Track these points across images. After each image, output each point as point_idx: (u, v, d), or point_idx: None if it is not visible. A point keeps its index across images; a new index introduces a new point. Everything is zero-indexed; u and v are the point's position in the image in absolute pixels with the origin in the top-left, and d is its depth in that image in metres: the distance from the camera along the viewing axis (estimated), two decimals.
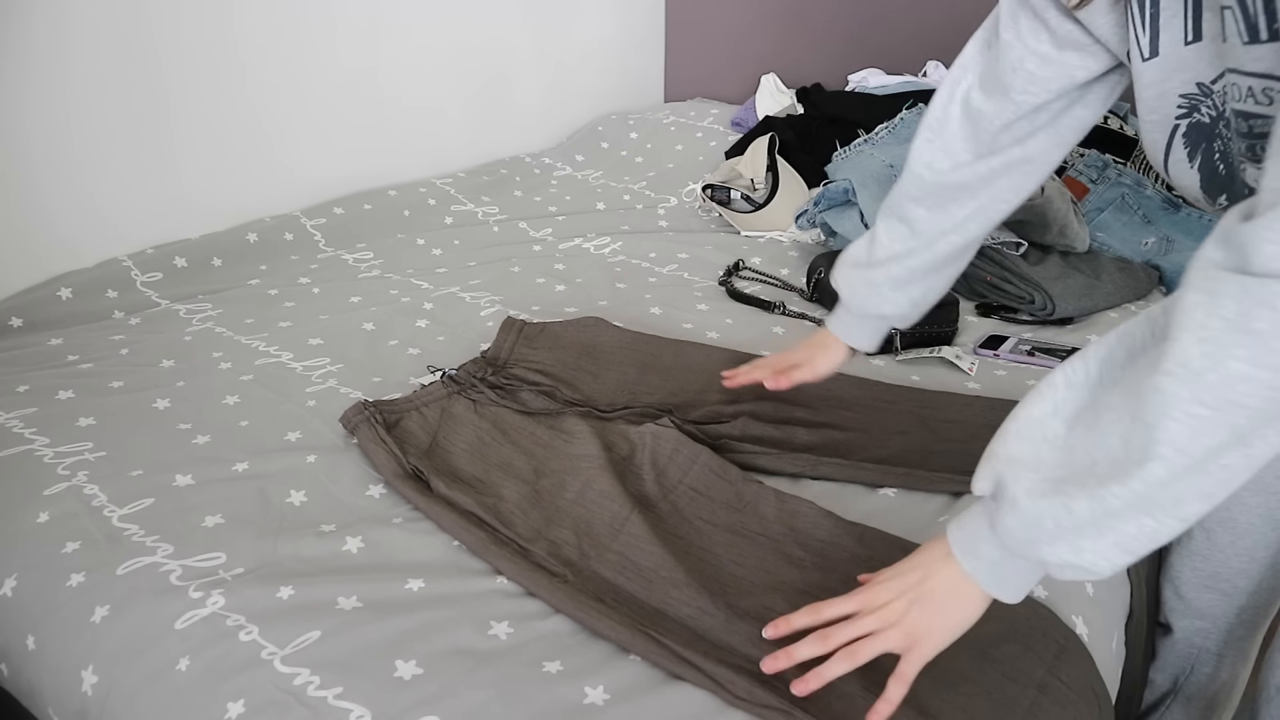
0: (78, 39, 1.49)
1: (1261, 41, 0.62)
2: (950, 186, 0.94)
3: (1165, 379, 0.56)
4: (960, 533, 0.72)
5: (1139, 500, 0.59)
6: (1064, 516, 0.62)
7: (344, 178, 1.95)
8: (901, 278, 1.01)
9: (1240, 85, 0.66)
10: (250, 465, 1.08)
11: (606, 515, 0.98)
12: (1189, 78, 0.71)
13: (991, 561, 0.69)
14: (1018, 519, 0.65)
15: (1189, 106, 0.73)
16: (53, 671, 0.87)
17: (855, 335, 1.10)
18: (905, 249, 0.99)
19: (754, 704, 0.76)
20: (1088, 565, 0.62)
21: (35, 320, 1.43)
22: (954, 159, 0.93)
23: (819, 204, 1.71)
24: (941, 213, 0.96)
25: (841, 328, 1.11)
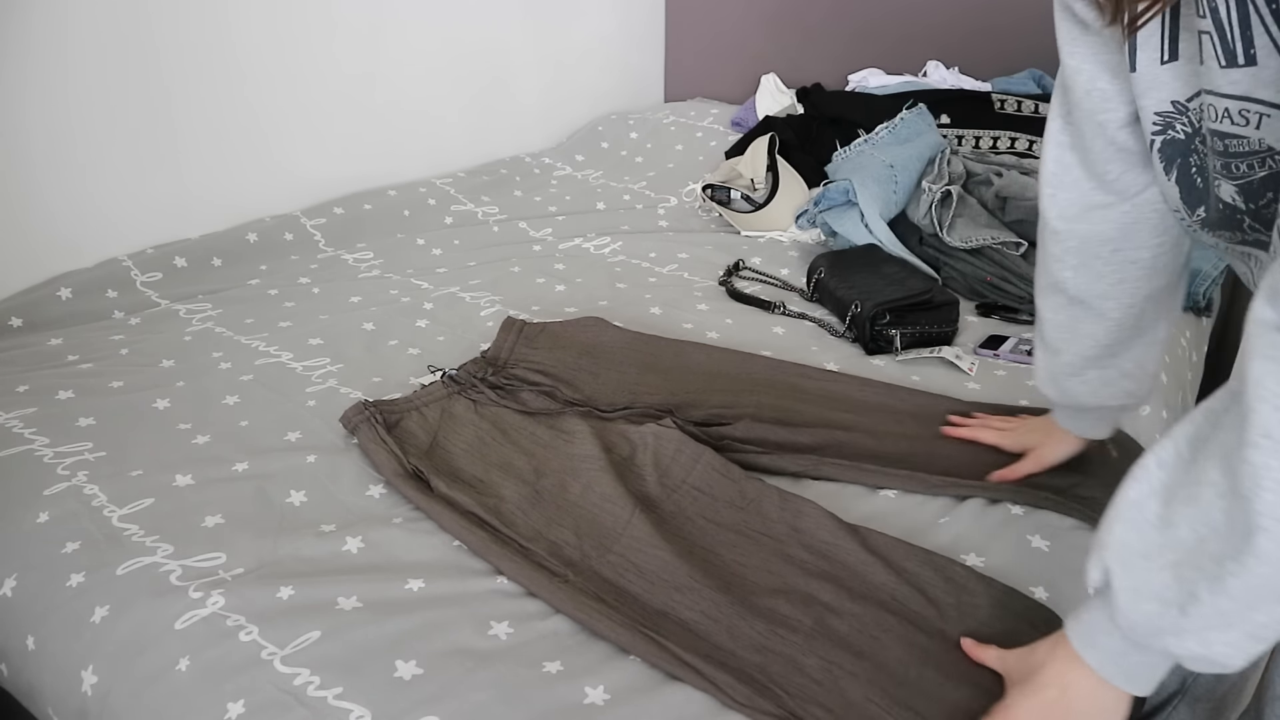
0: (78, 39, 1.49)
1: (1239, 65, 0.63)
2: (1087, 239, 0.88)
3: (1252, 451, 0.55)
4: (1079, 627, 0.70)
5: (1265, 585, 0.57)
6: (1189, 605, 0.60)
7: (344, 178, 1.95)
8: (1094, 354, 0.93)
9: (1216, 106, 0.67)
10: (250, 465, 1.08)
11: (609, 517, 0.98)
12: (1164, 96, 0.73)
13: (1115, 654, 0.68)
14: (1138, 609, 0.63)
15: (1163, 124, 0.75)
16: (53, 671, 0.87)
17: (1086, 427, 1.02)
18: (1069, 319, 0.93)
19: (753, 709, 0.76)
20: (1219, 659, 0.60)
21: (35, 320, 1.43)
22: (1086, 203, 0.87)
23: (819, 204, 1.71)
24: (1087, 270, 0.90)
25: (1071, 423, 1.03)
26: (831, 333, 1.44)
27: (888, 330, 1.37)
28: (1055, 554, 0.96)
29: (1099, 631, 0.68)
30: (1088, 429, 1.03)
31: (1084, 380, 0.96)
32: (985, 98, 2.01)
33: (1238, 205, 0.72)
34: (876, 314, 1.37)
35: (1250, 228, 0.73)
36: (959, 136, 1.97)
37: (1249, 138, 0.66)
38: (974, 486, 1.05)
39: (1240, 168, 0.69)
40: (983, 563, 0.94)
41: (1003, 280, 1.52)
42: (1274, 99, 0.63)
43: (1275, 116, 0.63)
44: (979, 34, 2.21)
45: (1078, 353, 0.94)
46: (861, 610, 0.86)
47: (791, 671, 0.80)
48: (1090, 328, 0.93)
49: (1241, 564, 0.56)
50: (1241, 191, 0.71)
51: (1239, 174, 0.69)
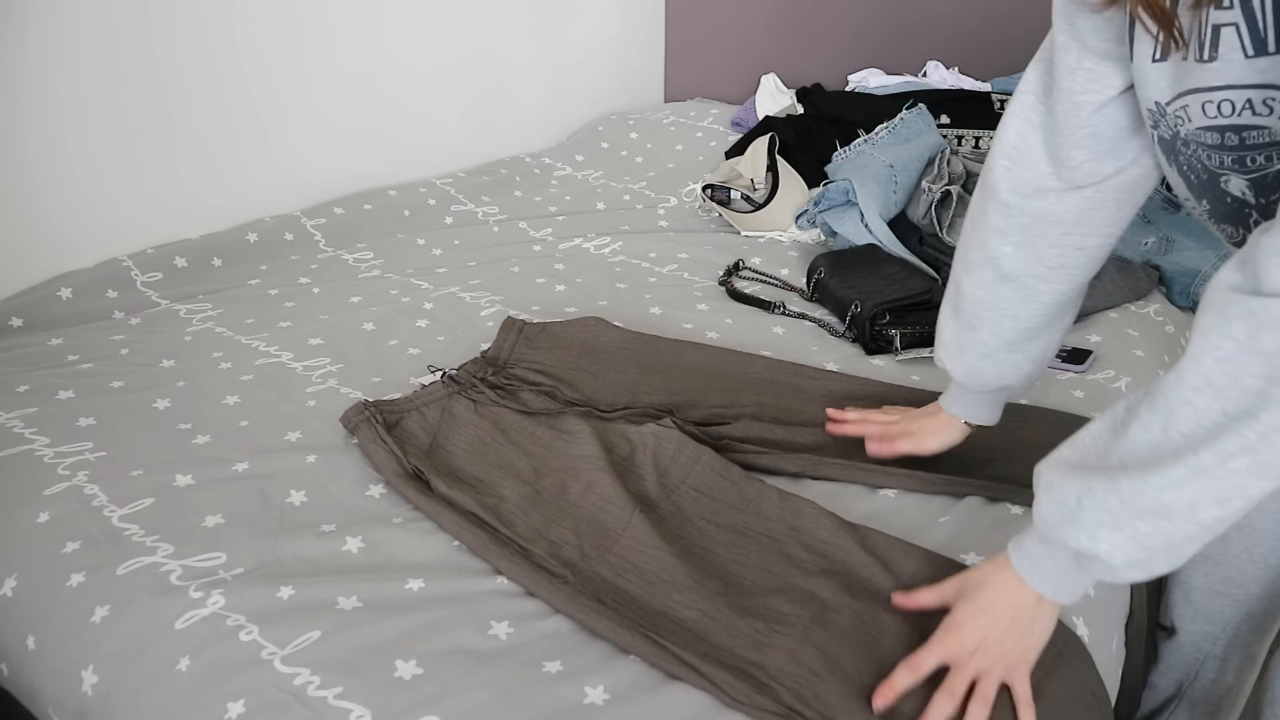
0: (78, 40, 1.49)
1: (1269, 54, 0.64)
2: (1038, 218, 0.88)
3: (1194, 394, 0.62)
4: (1016, 537, 0.77)
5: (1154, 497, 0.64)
6: (1085, 495, 0.67)
7: (344, 178, 1.95)
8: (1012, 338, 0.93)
9: (1234, 99, 0.67)
10: (250, 465, 1.08)
11: (609, 518, 0.98)
12: (1150, 94, 0.74)
13: (1035, 556, 0.74)
14: (1050, 499, 0.71)
15: (1153, 121, 0.76)
16: (53, 671, 0.87)
17: (977, 411, 1.03)
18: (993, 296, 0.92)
19: (752, 707, 0.76)
20: (1105, 555, 0.67)
21: (35, 320, 1.43)
22: (1039, 184, 0.87)
23: (819, 204, 1.71)
24: (1029, 250, 0.89)
25: (961, 407, 1.03)
26: (831, 333, 1.44)
27: (888, 330, 1.37)
28: None
29: (1026, 536, 0.76)
30: (981, 414, 1.03)
31: (994, 361, 0.95)
32: (985, 98, 2.01)
33: (1247, 199, 0.72)
34: (876, 314, 1.37)
35: (1256, 223, 0.74)
36: (959, 136, 1.97)
37: (1271, 128, 0.66)
38: (973, 485, 1.05)
39: (1256, 160, 0.69)
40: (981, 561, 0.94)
41: None
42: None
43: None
44: (979, 34, 2.21)
45: (995, 333, 0.94)
46: (861, 607, 0.86)
47: (790, 666, 0.80)
48: (1015, 308, 0.92)
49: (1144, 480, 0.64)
50: (1254, 185, 0.71)
51: (1254, 167, 0.70)
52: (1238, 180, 0.72)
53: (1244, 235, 0.76)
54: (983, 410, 1.03)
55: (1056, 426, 1.06)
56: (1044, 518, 0.72)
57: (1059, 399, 1.23)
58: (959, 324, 0.97)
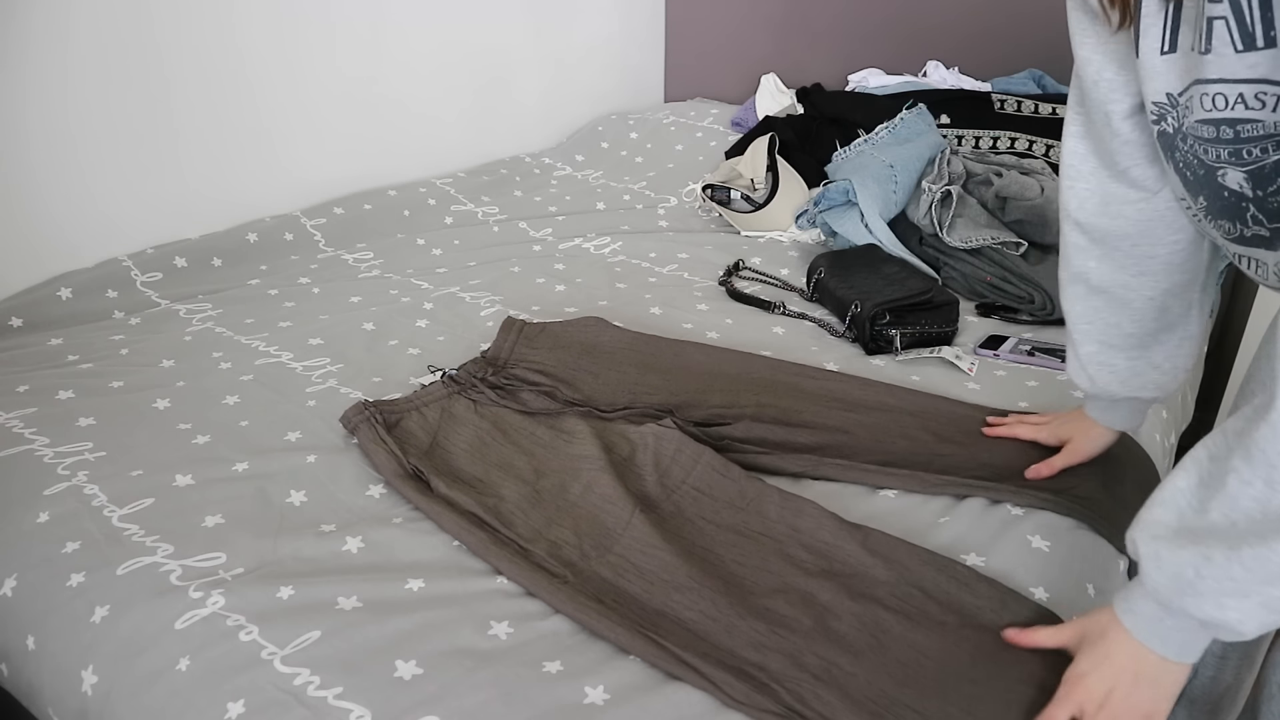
0: (78, 40, 1.49)
1: (1257, 48, 0.64)
2: (1107, 232, 0.89)
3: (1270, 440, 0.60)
4: (1122, 595, 0.75)
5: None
6: (1203, 566, 0.65)
7: (344, 178, 1.95)
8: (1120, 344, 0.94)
9: (1228, 93, 0.68)
10: (250, 465, 1.08)
11: (609, 517, 0.98)
12: (1160, 87, 0.74)
13: (1150, 618, 0.72)
14: (1161, 572, 0.68)
15: (1158, 115, 0.76)
16: (53, 671, 0.87)
17: (1116, 417, 1.03)
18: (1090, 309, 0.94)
19: (752, 707, 0.76)
20: (1233, 625, 0.65)
21: (35, 320, 1.43)
22: (1103, 195, 0.88)
23: (819, 204, 1.71)
24: (1110, 261, 0.91)
25: (1099, 413, 1.03)
26: (831, 333, 1.44)
27: (888, 330, 1.37)
28: (1055, 554, 0.96)
29: (1137, 596, 0.73)
30: (1119, 420, 1.03)
31: (1113, 369, 0.96)
32: (985, 98, 2.01)
33: (1244, 193, 0.72)
34: (876, 314, 1.37)
35: (1253, 218, 0.74)
36: (959, 136, 1.97)
37: (1264, 121, 0.67)
38: (974, 486, 1.05)
39: (1253, 152, 0.69)
40: (983, 563, 0.94)
41: (1002, 280, 1.52)
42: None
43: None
44: (979, 34, 2.21)
45: (1103, 341, 0.95)
46: (861, 610, 0.86)
47: (790, 669, 0.80)
48: (1114, 317, 0.93)
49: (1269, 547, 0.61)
50: (1251, 178, 0.71)
51: (1250, 160, 0.70)
52: (1235, 173, 0.72)
53: (1240, 231, 0.76)
54: (1122, 416, 1.03)
55: None
56: (1159, 591, 0.69)
57: (1059, 399, 1.23)
58: (1071, 342, 0.99)
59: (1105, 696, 0.74)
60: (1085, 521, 1.00)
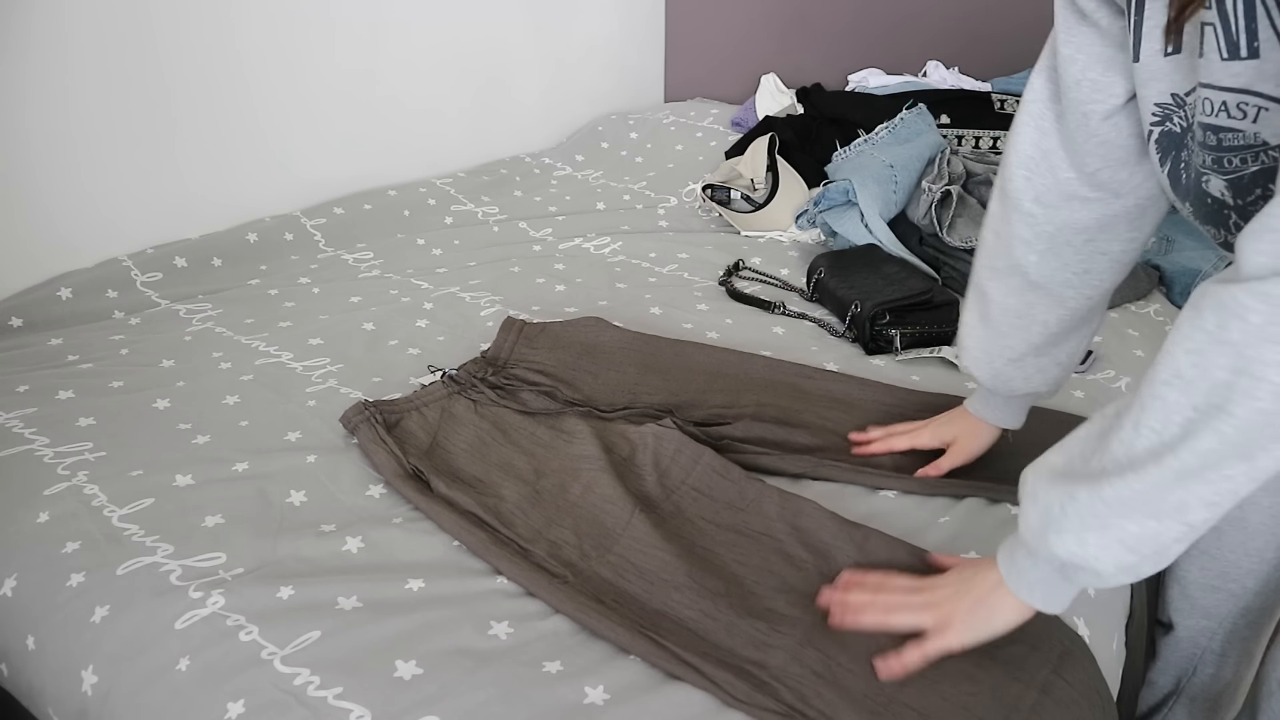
0: (78, 39, 1.49)
1: (1240, 58, 0.64)
2: (1062, 226, 0.88)
3: (1164, 388, 0.61)
4: (1006, 542, 0.77)
5: (1140, 500, 0.63)
6: (1068, 502, 0.67)
7: (344, 178, 1.95)
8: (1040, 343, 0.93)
9: (1214, 100, 0.67)
10: (250, 465, 1.08)
11: (609, 518, 0.98)
12: (1165, 88, 0.73)
13: (1023, 568, 0.74)
14: (1035, 506, 0.71)
15: (1162, 115, 0.75)
16: (53, 671, 0.87)
17: (1004, 415, 1.03)
18: (1023, 303, 0.92)
19: (753, 706, 0.76)
20: (1093, 561, 0.67)
21: (35, 320, 1.43)
22: (1062, 191, 0.86)
23: (819, 204, 1.71)
24: (1055, 257, 0.89)
25: (989, 411, 1.03)
26: (831, 333, 1.44)
27: (888, 330, 1.37)
28: None
29: (1015, 545, 0.75)
30: (1009, 418, 1.03)
31: (1021, 366, 0.96)
32: (985, 98, 2.01)
33: (1225, 200, 0.73)
34: (876, 314, 1.37)
35: (1235, 225, 0.74)
36: (959, 136, 1.97)
37: (1244, 131, 0.66)
38: (974, 486, 1.05)
39: (1233, 162, 0.69)
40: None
41: None
42: (1274, 92, 0.63)
43: (1274, 110, 0.64)
44: (979, 34, 2.21)
45: (1025, 339, 0.94)
46: None
47: (791, 668, 0.80)
48: (1044, 314, 0.92)
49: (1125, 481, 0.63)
50: (1231, 186, 0.71)
51: (1230, 169, 0.70)
52: (1217, 181, 0.72)
53: (1225, 237, 0.76)
54: (1010, 414, 1.03)
55: (1056, 427, 1.05)
56: (1029, 526, 0.72)
57: (1058, 399, 1.23)
58: (987, 331, 0.96)
59: (941, 590, 0.80)
60: None
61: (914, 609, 0.80)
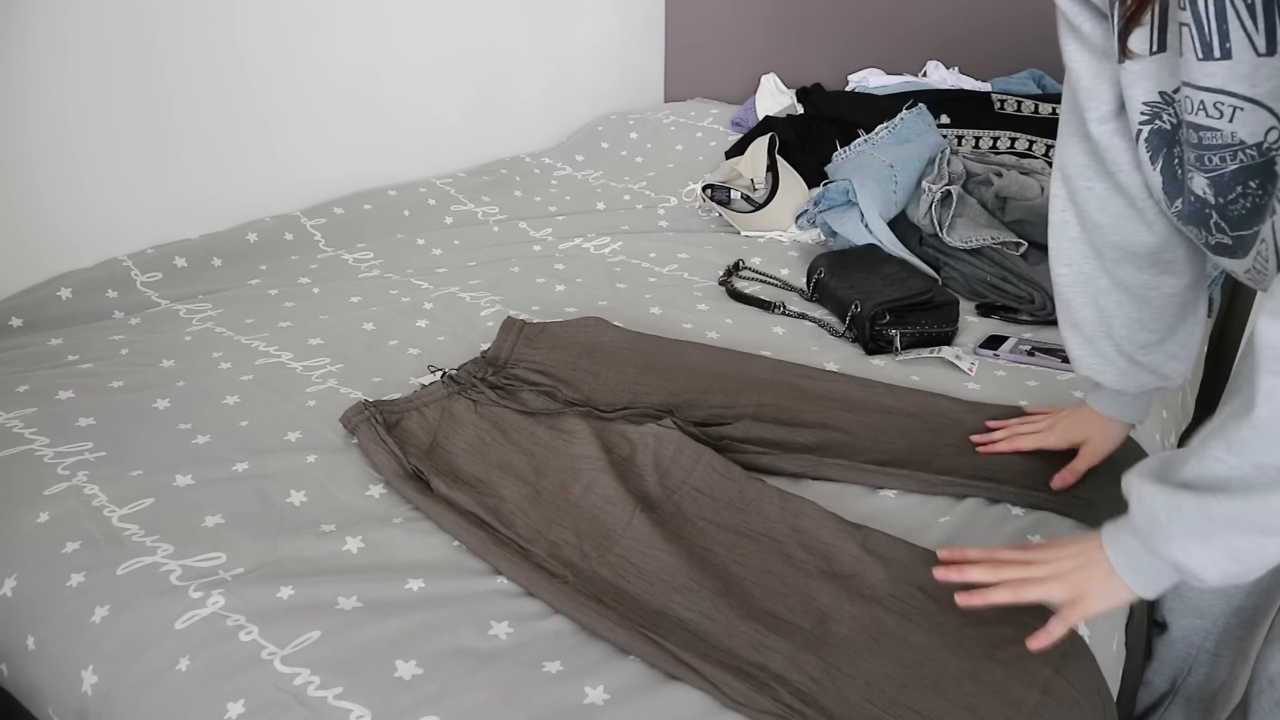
0: (78, 39, 1.49)
1: (1215, 59, 0.64)
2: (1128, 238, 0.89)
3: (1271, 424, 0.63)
4: (1111, 525, 0.79)
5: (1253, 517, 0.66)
6: (1174, 512, 0.70)
7: (344, 178, 1.95)
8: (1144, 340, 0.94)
9: (1193, 99, 0.68)
10: (250, 465, 1.08)
11: (609, 518, 0.98)
12: (1152, 86, 0.74)
13: (1130, 550, 0.76)
14: (1141, 511, 0.73)
15: (1151, 114, 0.76)
16: (53, 671, 0.87)
17: (1133, 410, 1.02)
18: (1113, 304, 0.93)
19: (751, 707, 0.76)
20: (1196, 569, 0.70)
21: (35, 320, 1.43)
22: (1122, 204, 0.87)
23: (819, 204, 1.71)
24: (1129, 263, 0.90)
25: (1117, 408, 1.02)
26: (831, 333, 1.44)
27: (888, 330, 1.37)
28: None
29: (1123, 528, 0.77)
30: (1133, 411, 1.02)
31: (1136, 362, 0.96)
32: (985, 98, 2.01)
33: (1207, 199, 0.73)
34: (876, 314, 1.37)
35: (1216, 225, 0.74)
36: (959, 136, 1.97)
37: (1222, 130, 0.67)
38: (974, 486, 1.05)
39: (1213, 160, 0.70)
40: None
41: (1002, 280, 1.52)
42: (1247, 93, 0.64)
43: (1248, 110, 0.65)
44: (979, 34, 2.21)
45: (1129, 338, 0.94)
46: (860, 612, 0.86)
47: (790, 670, 0.80)
48: (1137, 313, 0.93)
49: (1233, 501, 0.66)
50: (1213, 185, 0.72)
51: (1211, 167, 0.71)
52: (1200, 179, 0.73)
53: (1206, 238, 0.77)
54: (1140, 408, 1.02)
55: None
56: (1139, 528, 0.74)
57: (1059, 399, 1.23)
58: (1085, 338, 0.97)
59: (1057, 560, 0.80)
60: (1085, 522, 1.00)
61: (1043, 583, 0.80)
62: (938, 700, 0.77)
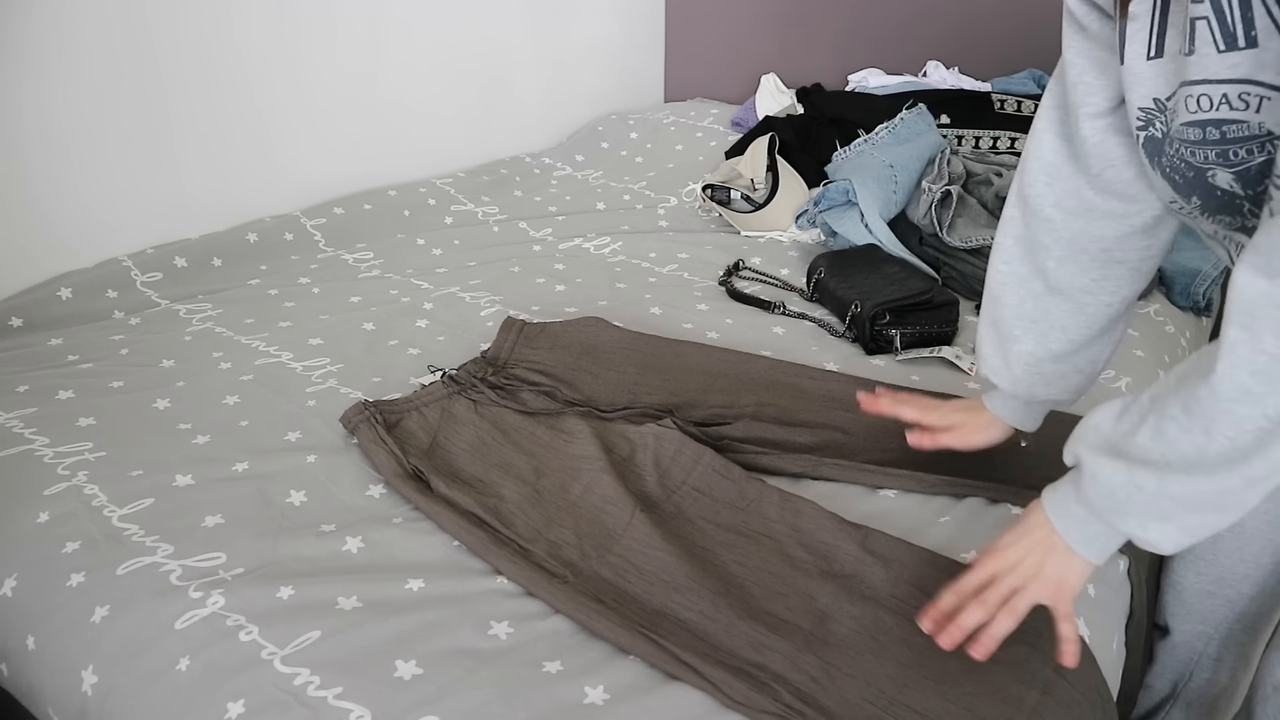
0: (78, 39, 1.49)
1: (1239, 48, 0.64)
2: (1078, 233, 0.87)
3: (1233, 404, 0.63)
4: (1054, 496, 0.79)
5: (1206, 498, 0.67)
6: (1135, 494, 0.70)
7: (344, 178, 1.95)
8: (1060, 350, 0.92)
9: (1212, 95, 0.67)
10: (250, 465, 1.08)
11: (609, 518, 0.98)
12: (1147, 92, 0.74)
13: (1079, 519, 0.76)
14: (1097, 489, 0.73)
15: (1145, 120, 0.76)
16: (53, 671, 0.87)
17: (1020, 417, 1.00)
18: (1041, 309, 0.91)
19: (751, 707, 0.76)
20: (1154, 542, 0.72)
21: (35, 320, 1.43)
22: (1080, 198, 0.87)
23: (819, 204, 1.71)
24: (1073, 263, 0.89)
25: (1006, 411, 1.00)
26: (831, 333, 1.44)
27: (888, 330, 1.37)
28: None
29: (1069, 501, 0.77)
30: (1021, 419, 1.00)
31: (1039, 373, 0.94)
32: (985, 98, 2.01)
33: (1236, 192, 0.73)
34: (876, 314, 1.37)
35: (1250, 212, 0.74)
36: (959, 136, 1.97)
37: (1248, 122, 0.66)
38: (974, 486, 1.05)
39: (1239, 153, 0.69)
40: None
41: None
42: (1275, 81, 0.64)
43: (1276, 99, 0.64)
44: (979, 34, 2.21)
45: (1044, 345, 0.93)
46: (861, 612, 0.86)
47: (790, 670, 0.80)
48: (1064, 320, 0.91)
49: (1195, 481, 0.67)
50: (1239, 179, 0.71)
51: (1237, 160, 0.70)
52: (1224, 174, 0.72)
53: (1243, 222, 0.76)
54: (1027, 418, 1.00)
55: (1058, 427, 1.06)
56: (1094, 503, 0.74)
57: None
58: (1000, 337, 0.95)
59: (1017, 562, 0.79)
60: None
61: (1026, 589, 0.78)
62: (938, 700, 0.77)
